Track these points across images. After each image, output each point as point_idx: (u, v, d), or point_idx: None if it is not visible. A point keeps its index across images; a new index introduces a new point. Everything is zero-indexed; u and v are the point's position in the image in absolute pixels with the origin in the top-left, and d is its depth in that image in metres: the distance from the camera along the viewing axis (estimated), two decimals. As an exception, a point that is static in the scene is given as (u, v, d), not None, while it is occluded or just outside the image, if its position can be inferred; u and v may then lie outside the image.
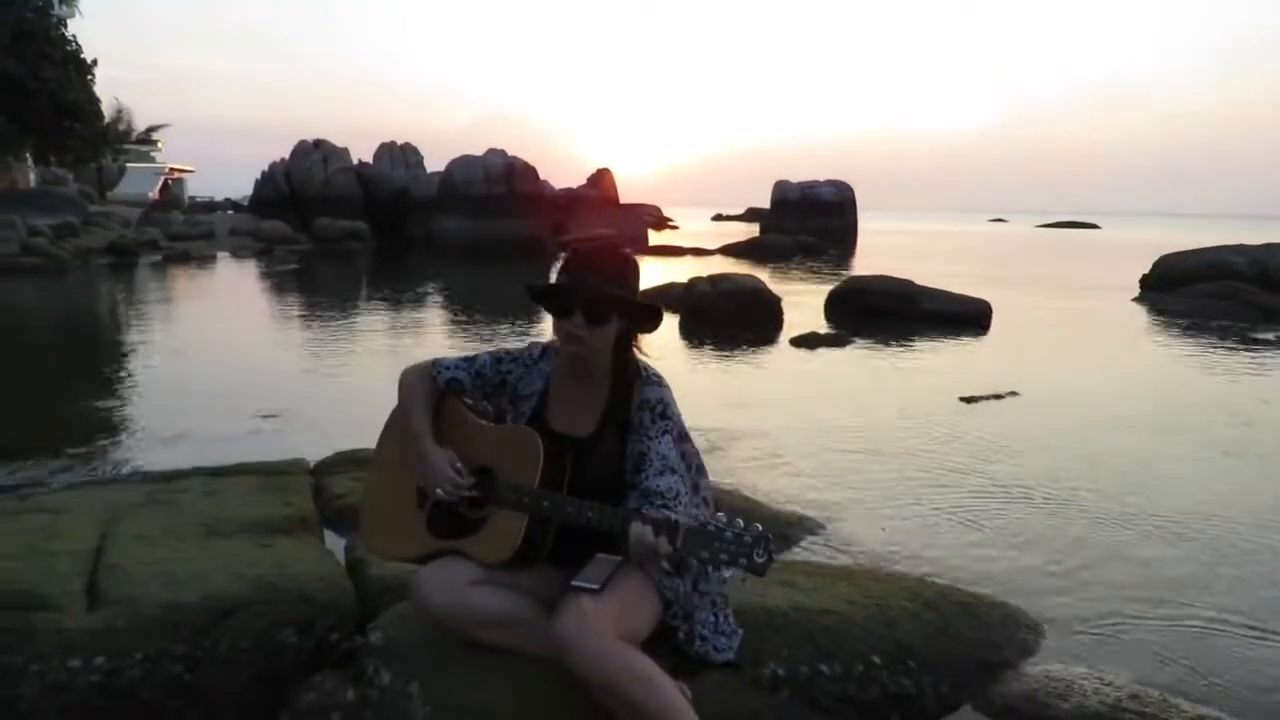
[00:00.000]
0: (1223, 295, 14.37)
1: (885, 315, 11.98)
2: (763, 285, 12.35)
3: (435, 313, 14.26)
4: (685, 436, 2.25)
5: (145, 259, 22.36)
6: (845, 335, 10.45)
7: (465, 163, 29.57)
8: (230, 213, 39.94)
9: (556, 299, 2.14)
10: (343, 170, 34.86)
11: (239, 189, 50.70)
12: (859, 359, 9.53)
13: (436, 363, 2.33)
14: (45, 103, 25.79)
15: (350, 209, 32.44)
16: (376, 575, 2.78)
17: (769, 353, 9.90)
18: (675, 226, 54.12)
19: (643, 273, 2.25)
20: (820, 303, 13.26)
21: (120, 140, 39.00)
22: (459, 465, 2.18)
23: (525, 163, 29.91)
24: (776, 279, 17.71)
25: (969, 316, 12.04)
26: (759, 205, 50.07)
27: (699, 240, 34.60)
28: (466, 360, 2.34)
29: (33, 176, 31.59)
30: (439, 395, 2.31)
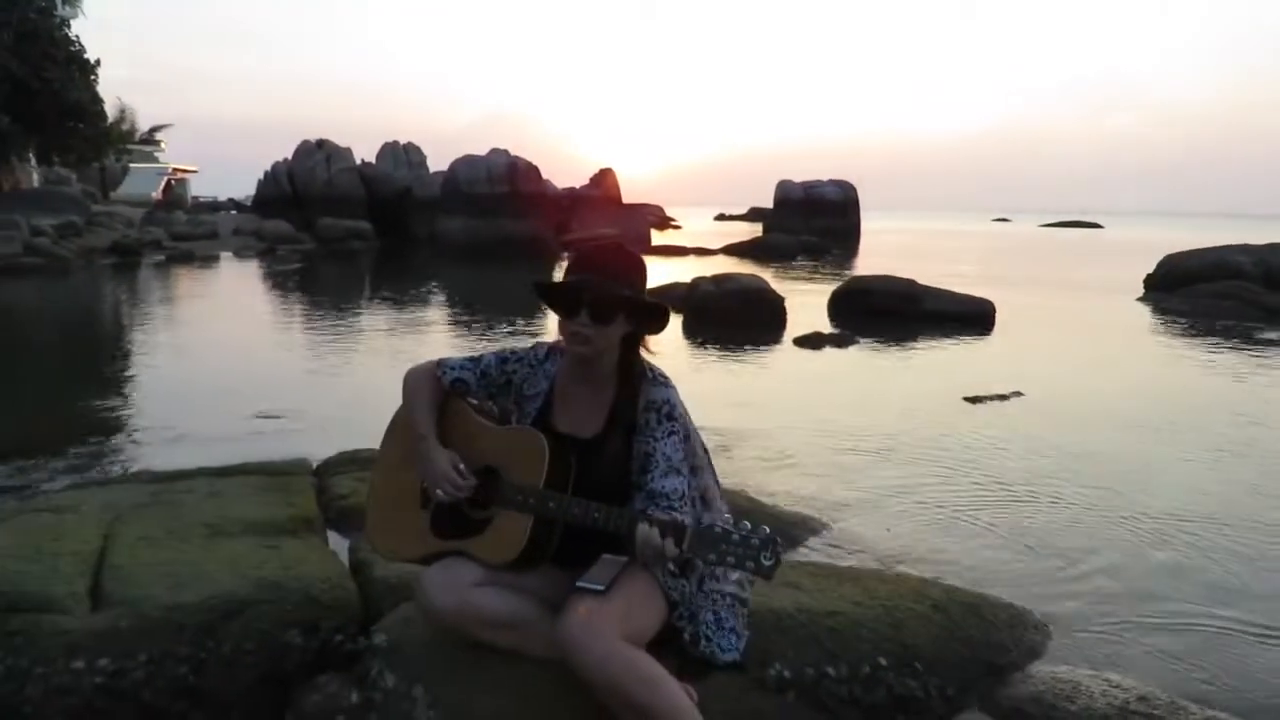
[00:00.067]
0: (1227, 295, 14.35)
1: (889, 315, 11.97)
2: (766, 285, 12.33)
3: (438, 312, 14.26)
4: (689, 436, 2.24)
5: (148, 259, 22.38)
6: (849, 335, 10.44)
7: (468, 162, 29.54)
8: (233, 212, 39.99)
9: (563, 298, 2.13)
10: (346, 170, 34.88)
11: (242, 189, 50.83)
12: (863, 359, 9.52)
13: (441, 363, 2.32)
14: (48, 103, 25.83)
15: (353, 209, 32.47)
16: (381, 576, 2.77)
17: (773, 352, 9.89)
18: (678, 226, 54.06)
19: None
20: (824, 302, 13.25)
21: (123, 140, 39.07)
22: (461, 466, 2.17)
23: (528, 162, 29.89)
24: (780, 279, 17.69)
25: (973, 316, 12.02)
26: (762, 205, 50.02)
27: (702, 240, 34.56)
28: (471, 360, 2.33)
29: (36, 176, 31.66)
30: (443, 395, 2.30)
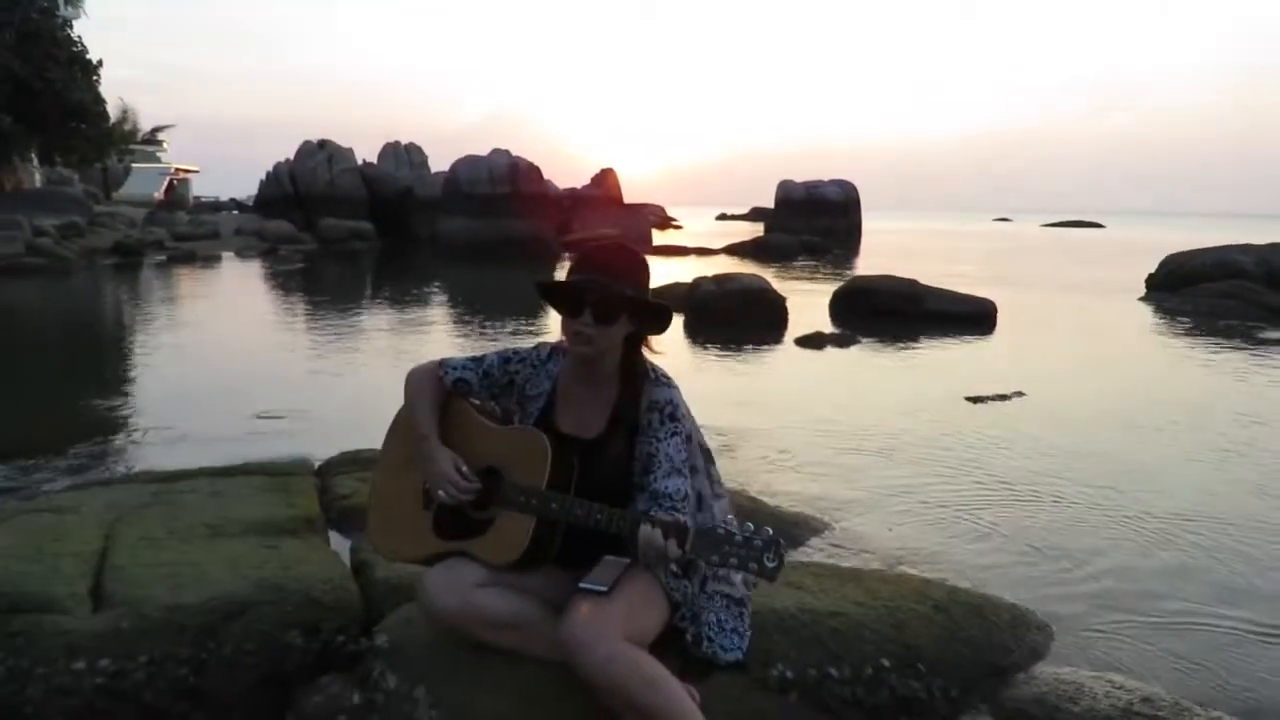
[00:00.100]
0: (1229, 295, 14.32)
1: (890, 315, 11.95)
2: (768, 285, 12.31)
3: (440, 312, 14.26)
4: (691, 437, 2.23)
5: (150, 259, 22.38)
6: (851, 335, 10.42)
7: (470, 162, 29.54)
8: (235, 213, 40.01)
9: (566, 297, 2.12)
10: (347, 170, 34.88)
11: (244, 189, 50.89)
12: (864, 359, 9.50)
13: (444, 363, 2.32)
14: (51, 103, 25.83)
15: (355, 209, 32.48)
16: (382, 577, 2.77)
17: (774, 352, 9.88)
18: (679, 226, 54.05)
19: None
20: (825, 302, 13.23)
21: (125, 140, 39.07)
22: (464, 468, 2.16)
23: (529, 163, 29.88)
24: (781, 278, 17.68)
25: (974, 316, 12.01)
26: (763, 205, 50.00)
27: (703, 240, 34.56)
28: (474, 360, 2.32)
29: (38, 177, 31.67)
30: (446, 395, 2.29)
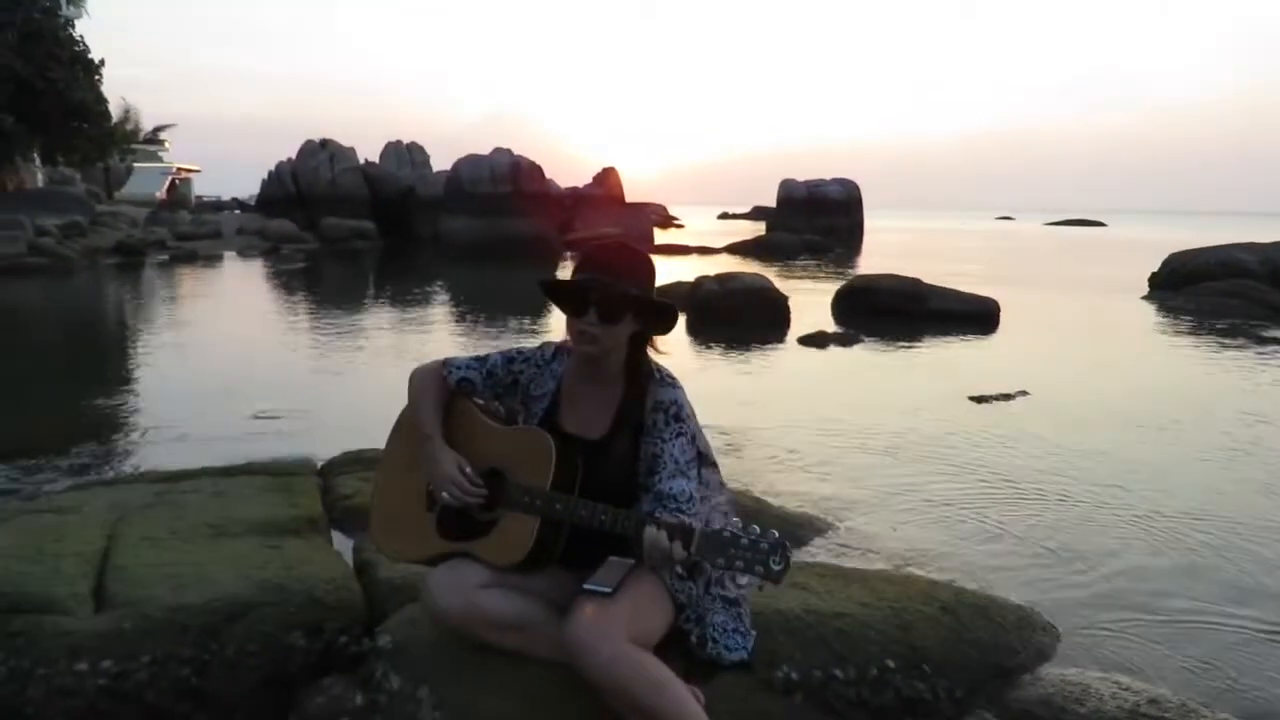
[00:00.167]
0: (1233, 294, 14.29)
1: (893, 314, 11.94)
2: (770, 284, 12.30)
3: (442, 312, 14.26)
4: (694, 438, 2.21)
5: (152, 258, 22.39)
6: (853, 334, 10.41)
7: (471, 162, 29.54)
8: (237, 212, 40.04)
9: (570, 296, 2.11)
10: (349, 169, 34.90)
11: (245, 188, 50.95)
12: (867, 358, 9.49)
13: (447, 362, 2.30)
14: (53, 103, 25.83)
15: (357, 208, 32.48)
16: (385, 577, 2.76)
17: (777, 352, 9.86)
18: (681, 225, 54.02)
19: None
20: (828, 301, 13.22)
21: (127, 140, 39.08)
22: (468, 470, 2.15)
23: (531, 162, 29.88)
24: (783, 277, 17.66)
25: (978, 315, 11.99)
26: (765, 204, 49.96)
27: (705, 239, 34.52)
28: (478, 360, 2.31)
29: (40, 176, 31.68)
30: (449, 395, 2.28)
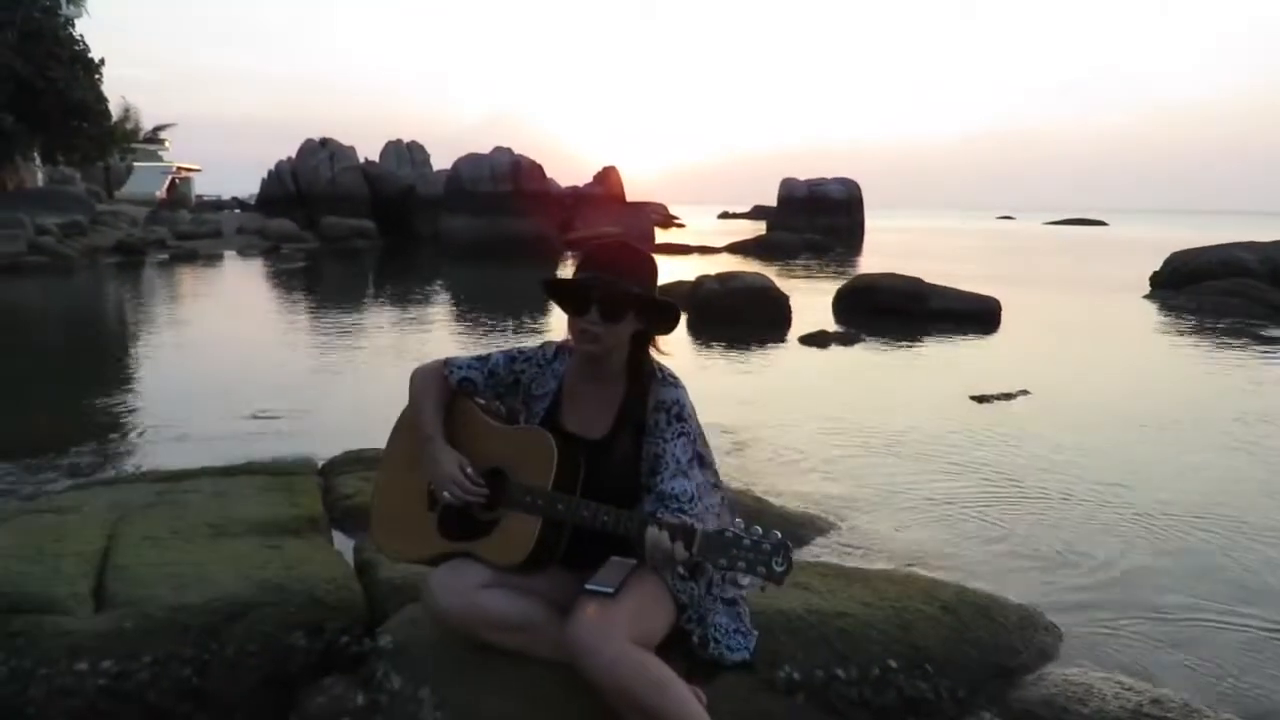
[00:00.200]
0: (1234, 293, 14.29)
1: (894, 313, 11.93)
2: (771, 283, 12.29)
3: (443, 311, 14.25)
4: (696, 439, 2.20)
5: (152, 258, 22.38)
6: (855, 333, 10.40)
7: (472, 161, 29.52)
8: (237, 211, 40.02)
9: (572, 295, 2.10)
10: (349, 169, 34.86)
11: (246, 188, 50.96)
12: (869, 357, 9.48)
13: (449, 362, 2.30)
14: (53, 102, 25.82)
15: (357, 207, 32.45)
16: (386, 577, 2.75)
17: (778, 351, 9.86)
18: (681, 224, 53.96)
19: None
20: (829, 301, 13.21)
21: (127, 139, 39.07)
22: (469, 470, 2.15)
23: (532, 161, 29.86)
24: (784, 277, 17.65)
25: (979, 314, 11.98)
26: (766, 203, 49.92)
27: (705, 238, 34.49)
28: (479, 359, 2.30)
29: (40, 175, 31.67)
30: (451, 395, 2.28)
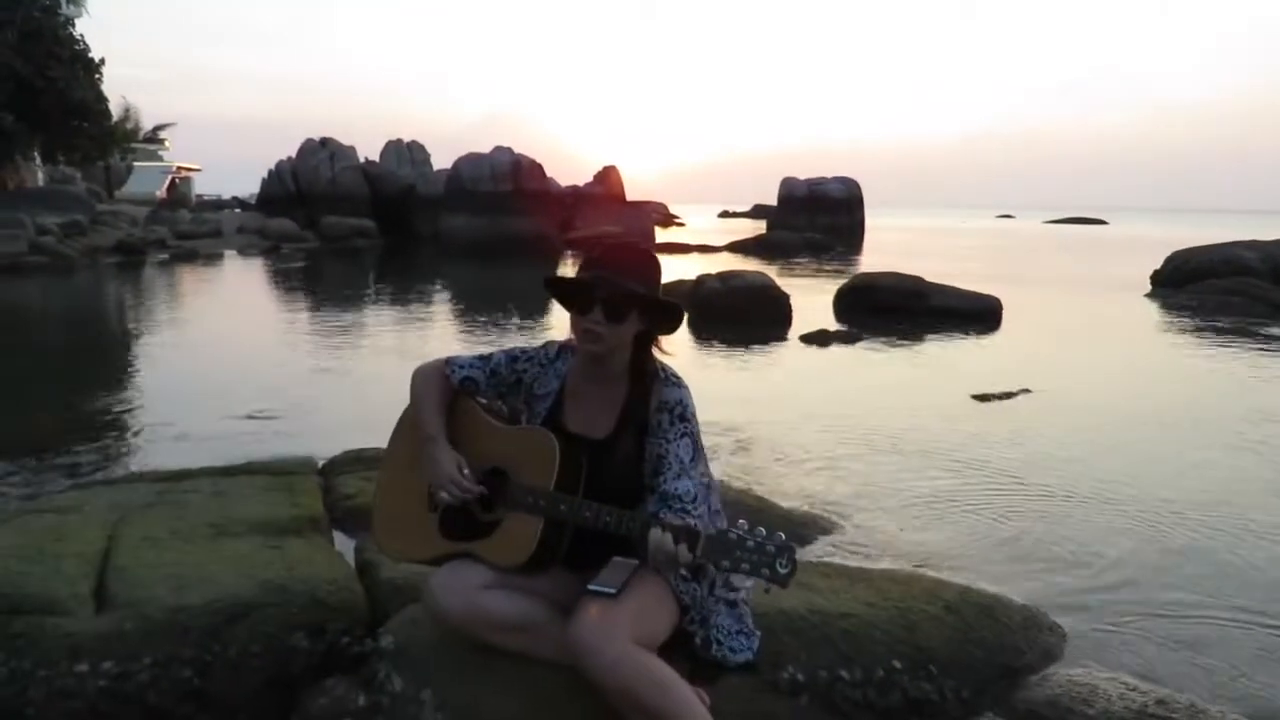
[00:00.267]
0: (1235, 291, 14.28)
1: (895, 312, 11.91)
2: (772, 282, 12.28)
3: (444, 310, 14.24)
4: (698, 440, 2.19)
5: (153, 257, 22.36)
6: (855, 332, 10.39)
7: (472, 160, 29.51)
8: (237, 211, 40.00)
9: (576, 294, 2.09)
10: (349, 168, 34.83)
11: (246, 187, 50.96)
12: (870, 356, 9.46)
13: (450, 361, 2.29)
14: (53, 101, 25.81)
15: (357, 207, 32.43)
16: (387, 578, 2.74)
17: (779, 350, 9.85)
18: (682, 223, 53.93)
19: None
20: (829, 300, 13.19)
21: (128, 139, 39.06)
22: (466, 470, 2.13)
23: (532, 160, 29.86)
24: (784, 276, 17.62)
25: (980, 313, 11.97)
26: (766, 202, 49.91)
27: (706, 237, 34.47)
28: (481, 359, 2.29)
29: (41, 175, 31.67)
30: (452, 395, 2.27)
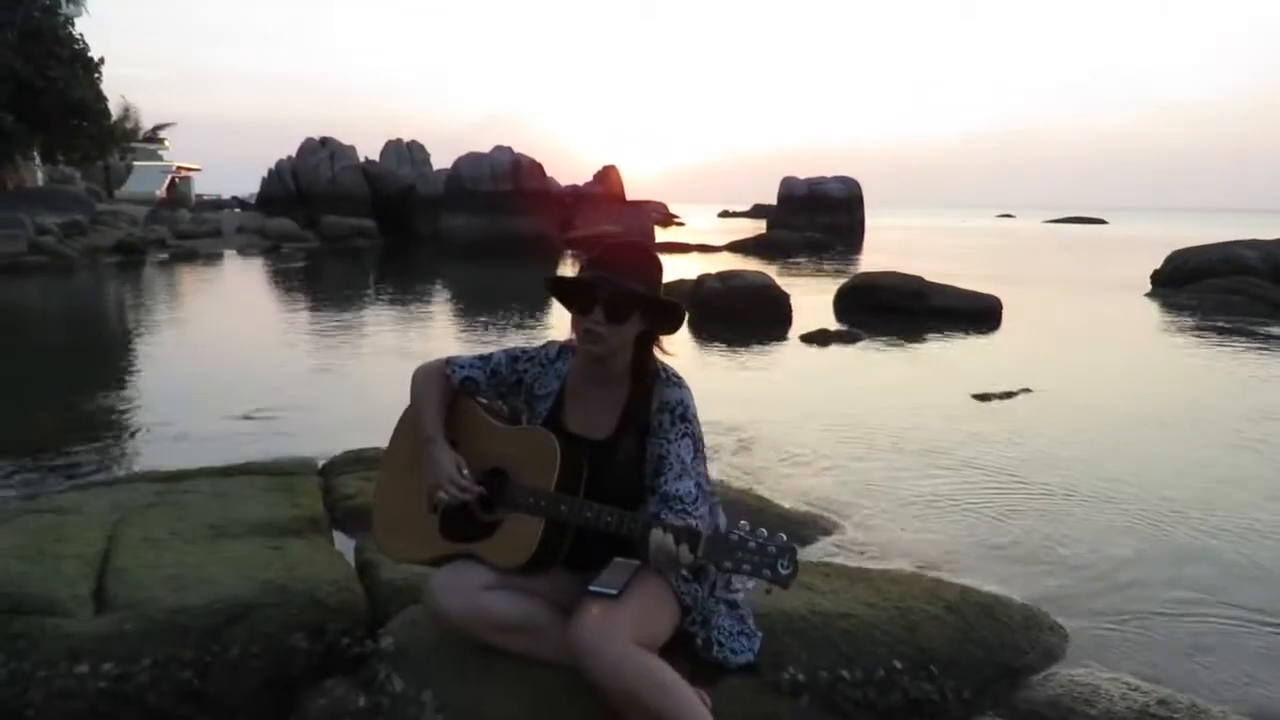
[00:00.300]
0: (1235, 290, 14.27)
1: (895, 311, 11.91)
2: (772, 282, 12.27)
3: (444, 310, 14.24)
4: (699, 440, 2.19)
5: (152, 257, 22.35)
6: (855, 332, 10.38)
7: (472, 160, 29.50)
8: (237, 210, 40.00)
9: (577, 294, 2.09)
10: (349, 168, 34.81)
11: (246, 187, 50.97)
12: (870, 356, 9.46)
13: (451, 361, 2.28)
14: (53, 101, 25.80)
15: (357, 206, 32.41)
16: (388, 578, 2.74)
17: (779, 350, 9.84)
18: (682, 223, 53.92)
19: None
20: (829, 300, 13.19)
21: (127, 139, 39.08)
22: (465, 470, 2.13)
23: (532, 160, 29.85)
24: (784, 275, 17.62)
25: (980, 313, 11.96)
26: (766, 202, 49.90)
27: (706, 237, 34.45)
28: (481, 359, 2.29)
29: (40, 175, 31.66)
30: (453, 395, 2.26)
